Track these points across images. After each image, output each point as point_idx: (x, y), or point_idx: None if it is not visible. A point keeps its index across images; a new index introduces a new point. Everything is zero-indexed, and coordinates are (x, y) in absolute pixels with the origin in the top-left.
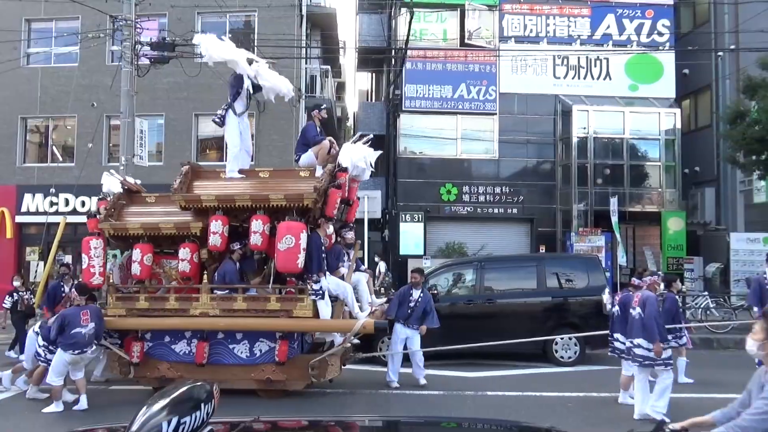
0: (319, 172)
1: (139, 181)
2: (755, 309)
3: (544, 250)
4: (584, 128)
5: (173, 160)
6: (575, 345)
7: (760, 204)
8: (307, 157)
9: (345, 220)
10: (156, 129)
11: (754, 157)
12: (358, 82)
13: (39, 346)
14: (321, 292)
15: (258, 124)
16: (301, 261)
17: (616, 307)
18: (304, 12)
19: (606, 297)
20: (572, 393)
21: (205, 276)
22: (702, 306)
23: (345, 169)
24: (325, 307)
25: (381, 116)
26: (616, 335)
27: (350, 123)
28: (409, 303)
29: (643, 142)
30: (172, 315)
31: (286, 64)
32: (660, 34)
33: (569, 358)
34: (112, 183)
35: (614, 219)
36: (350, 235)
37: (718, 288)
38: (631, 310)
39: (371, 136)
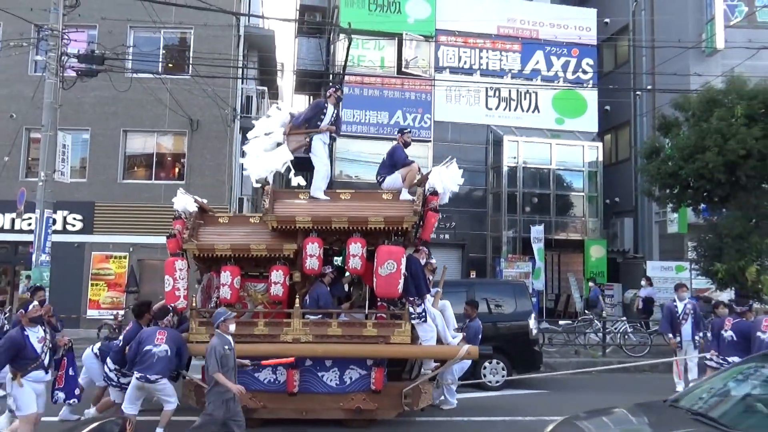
0: (404, 194)
1: (206, 201)
2: (669, 335)
3: (474, 276)
4: (514, 158)
5: (98, 176)
6: (503, 369)
7: (673, 234)
8: (393, 179)
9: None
10: (80, 144)
11: (667, 191)
12: (295, 105)
13: (110, 370)
14: (424, 314)
15: (190, 142)
16: (401, 286)
17: (730, 332)
18: (241, 32)
19: (532, 322)
20: (499, 417)
21: (297, 300)
22: (620, 330)
23: (437, 193)
24: (429, 331)
25: None
26: (731, 358)
27: None
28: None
29: (568, 173)
30: (262, 341)
31: (221, 84)
32: (584, 72)
33: (497, 382)
34: (186, 202)
35: (537, 246)
36: (434, 261)
37: (636, 313)
38: (759, 334)
39: (454, 159)
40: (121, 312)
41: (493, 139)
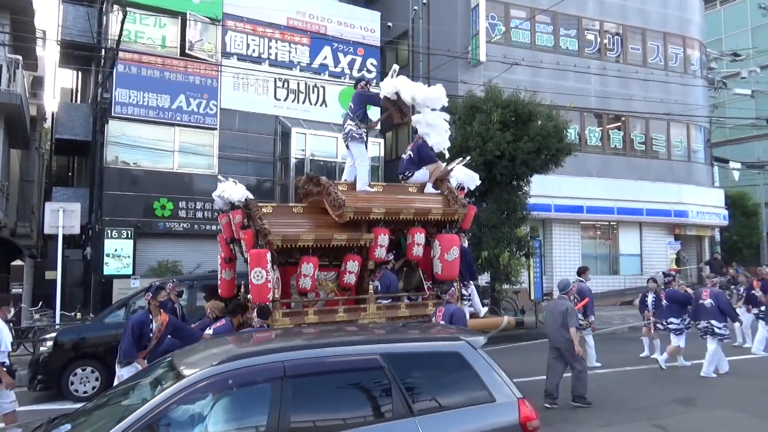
0: (428, 188)
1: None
2: (591, 318)
3: None
4: (302, 150)
5: None
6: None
7: None
8: (422, 174)
9: None
10: None
11: None
12: (60, 80)
13: None
14: (469, 297)
15: None
16: (458, 269)
17: (664, 301)
18: None
19: None
20: None
21: (371, 287)
22: None
23: (464, 188)
24: (467, 311)
25: (86, 120)
26: (671, 319)
27: (48, 124)
28: None
29: None
30: None
31: None
32: (369, 71)
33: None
34: (242, 190)
35: None
36: None
37: None
38: (701, 301)
39: (468, 158)
40: None
41: (281, 131)
